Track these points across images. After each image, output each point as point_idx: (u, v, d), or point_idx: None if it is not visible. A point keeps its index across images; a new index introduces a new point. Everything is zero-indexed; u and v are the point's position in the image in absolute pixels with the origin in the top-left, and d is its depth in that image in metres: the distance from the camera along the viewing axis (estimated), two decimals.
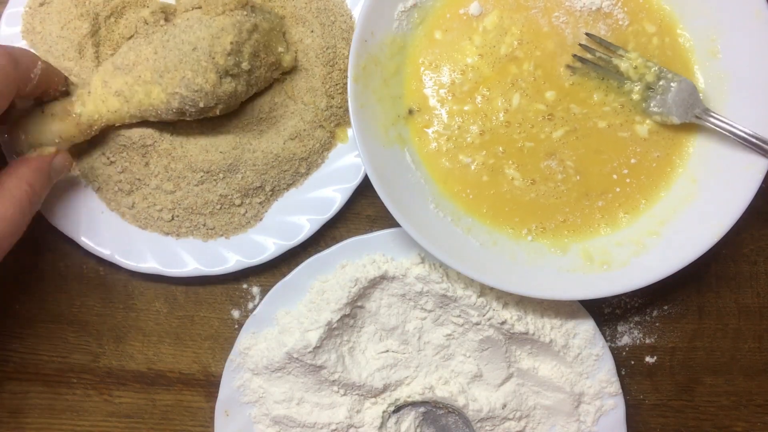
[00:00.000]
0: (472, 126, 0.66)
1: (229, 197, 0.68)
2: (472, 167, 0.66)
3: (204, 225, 0.69)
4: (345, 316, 0.65)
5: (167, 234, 0.69)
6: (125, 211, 0.68)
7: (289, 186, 0.70)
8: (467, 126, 0.66)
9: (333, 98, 0.69)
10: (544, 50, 0.67)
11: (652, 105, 0.65)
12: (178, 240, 0.69)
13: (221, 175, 0.67)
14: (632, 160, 0.66)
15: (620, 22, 0.67)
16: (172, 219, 0.68)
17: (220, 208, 0.68)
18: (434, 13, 0.67)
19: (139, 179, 0.67)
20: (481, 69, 0.67)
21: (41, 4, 0.69)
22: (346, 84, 0.63)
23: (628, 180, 0.67)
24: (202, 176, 0.67)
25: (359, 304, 0.67)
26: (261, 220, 0.69)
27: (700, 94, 0.66)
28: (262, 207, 0.69)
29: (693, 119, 0.64)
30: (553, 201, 0.66)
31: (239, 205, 0.68)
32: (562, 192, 0.66)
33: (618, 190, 0.67)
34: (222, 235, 0.69)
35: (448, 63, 0.67)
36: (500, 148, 0.66)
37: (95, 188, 0.69)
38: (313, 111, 0.68)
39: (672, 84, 0.64)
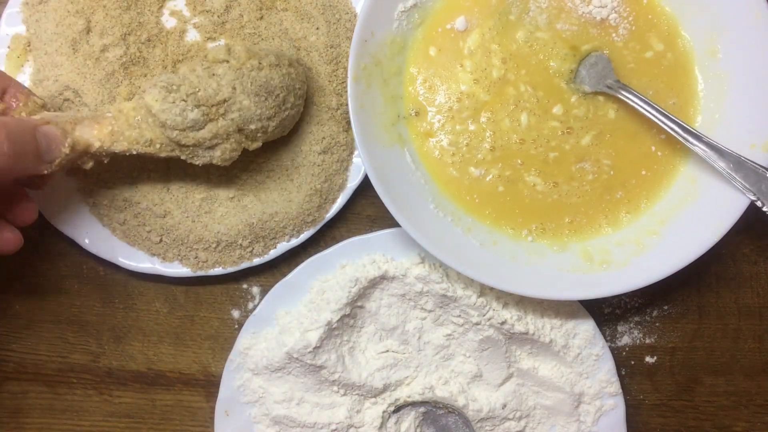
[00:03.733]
0: (482, 143, 0.66)
1: (238, 242, 0.68)
2: (487, 179, 0.66)
3: (196, 258, 0.68)
4: (345, 316, 0.65)
5: (153, 255, 0.68)
6: (116, 226, 0.68)
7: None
8: (476, 144, 0.66)
9: (342, 96, 0.68)
10: (529, 68, 0.66)
11: (576, 80, 0.66)
12: (163, 264, 0.68)
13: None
14: (637, 159, 0.67)
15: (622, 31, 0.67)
16: (160, 242, 0.68)
17: (223, 247, 0.68)
18: (434, 14, 0.67)
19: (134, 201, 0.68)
20: (478, 95, 0.66)
21: (40, 2, 0.69)
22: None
23: (643, 172, 0.67)
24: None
25: (359, 304, 0.67)
26: (265, 255, 0.69)
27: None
28: (271, 245, 0.69)
29: (604, 89, 0.65)
30: (575, 200, 0.66)
31: (247, 247, 0.68)
32: (586, 191, 0.66)
33: (634, 182, 0.67)
34: (219, 266, 0.68)
35: (445, 84, 0.66)
36: (519, 161, 0.66)
37: (90, 204, 0.68)
38: (331, 117, 0.68)
39: (588, 58, 0.66)
